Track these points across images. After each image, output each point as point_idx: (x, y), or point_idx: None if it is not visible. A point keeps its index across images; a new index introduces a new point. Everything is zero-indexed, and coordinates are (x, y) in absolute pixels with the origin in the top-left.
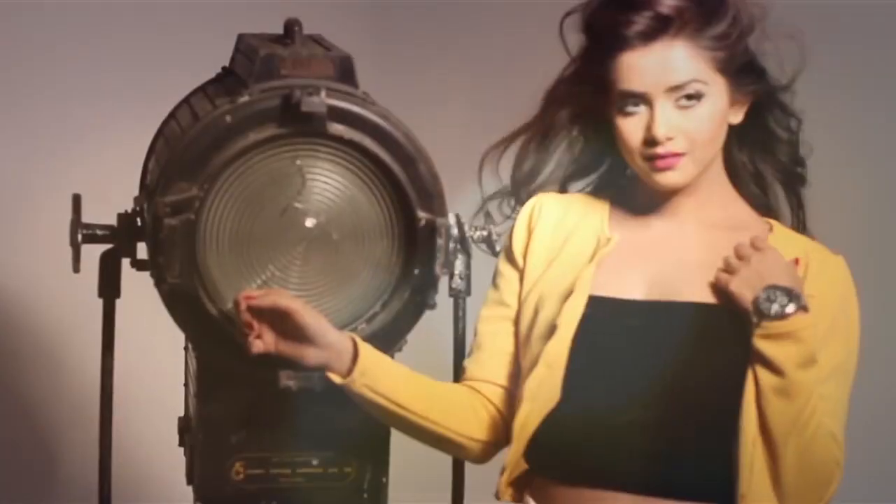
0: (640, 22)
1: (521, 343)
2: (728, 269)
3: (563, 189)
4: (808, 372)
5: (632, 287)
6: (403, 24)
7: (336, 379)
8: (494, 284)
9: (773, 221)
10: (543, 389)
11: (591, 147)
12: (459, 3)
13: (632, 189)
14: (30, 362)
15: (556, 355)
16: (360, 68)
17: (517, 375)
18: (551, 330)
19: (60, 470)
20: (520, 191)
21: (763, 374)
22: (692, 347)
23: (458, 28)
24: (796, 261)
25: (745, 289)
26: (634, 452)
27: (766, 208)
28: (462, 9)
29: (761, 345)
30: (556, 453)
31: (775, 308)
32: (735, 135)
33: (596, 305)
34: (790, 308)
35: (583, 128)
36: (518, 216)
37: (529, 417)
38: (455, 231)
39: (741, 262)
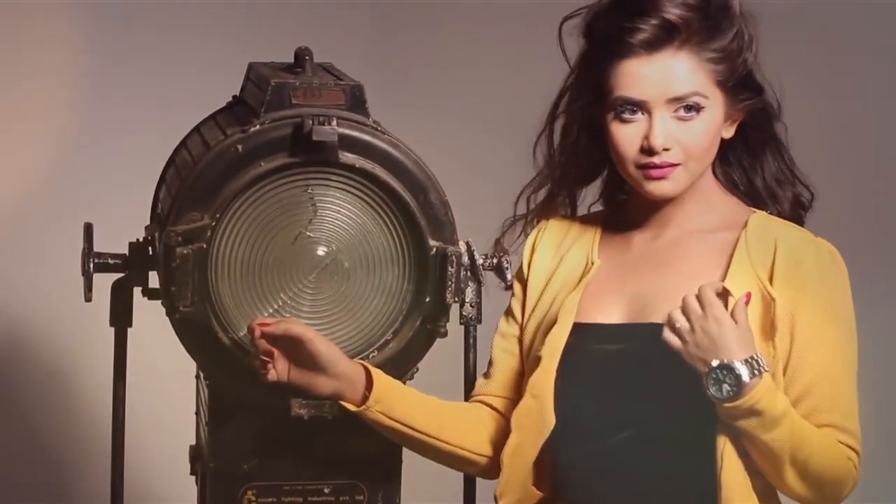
0: (646, 30)
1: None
2: (673, 327)
3: (571, 195)
4: (778, 428)
5: (612, 311)
6: (413, 50)
7: (351, 407)
8: (509, 301)
9: (758, 211)
10: (531, 419)
11: (593, 154)
12: (470, 29)
13: (626, 202)
14: (42, 391)
15: (541, 386)
16: (370, 96)
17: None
18: (536, 361)
19: (72, 498)
20: (530, 218)
21: (737, 437)
22: (667, 366)
23: (469, 53)
24: (747, 297)
25: (696, 361)
26: (626, 473)
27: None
28: (473, 34)
29: (724, 418)
30: (558, 479)
31: (726, 389)
32: (725, 151)
33: (578, 333)
34: (744, 379)
35: (587, 135)
36: (528, 238)
37: (519, 447)
38: (466, 259)
39: (687, 326)
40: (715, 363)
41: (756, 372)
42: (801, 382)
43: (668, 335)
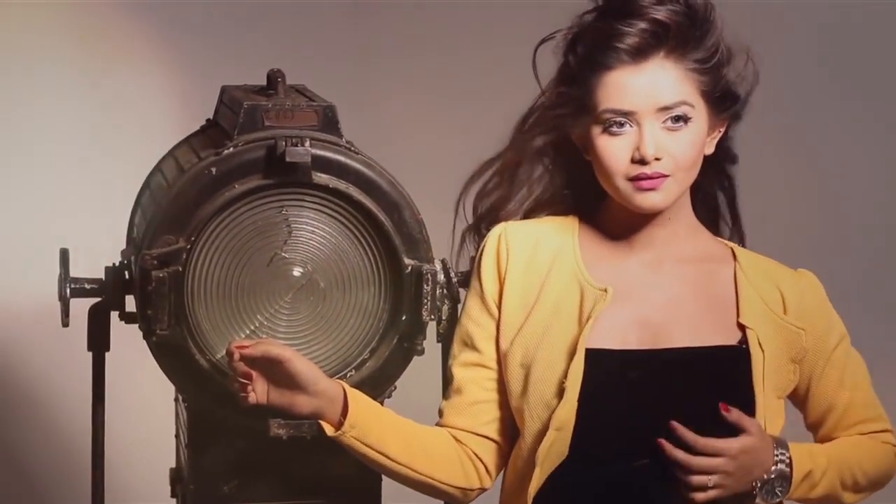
0: (635, 33)
1: (512, 397)
2: (703, 488)
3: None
4: (829, 475)
5: (625, 335)
6: (387, 71)
7: (328, 430)
8: (464, 325)
9: (733, 245)
10: (553, 451)
11: (555, 180)
12: (445, 50)
13: (600, 218)
14: (21, 416)
15: (565, 418)
16: (343, 117)
17: (497, 421)
18: (558, 392)
19: None
20: (480, 224)
21: None
22: (693, 392)
23: (443, 73)
24: (724, 407)
25: (742, 486)
26: (642, 499)
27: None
28: (447, 56)
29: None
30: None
31: (779, 490)
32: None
33: (594, 360)
34: (787, 470)
35: (554, 157)
36: (484, 249)
37: (541, 483)
38: (441, 277)
39: (718, 479)
40: (756, 478)
41: (786, 453)
42: (843, 398)
43: (700, 497)
